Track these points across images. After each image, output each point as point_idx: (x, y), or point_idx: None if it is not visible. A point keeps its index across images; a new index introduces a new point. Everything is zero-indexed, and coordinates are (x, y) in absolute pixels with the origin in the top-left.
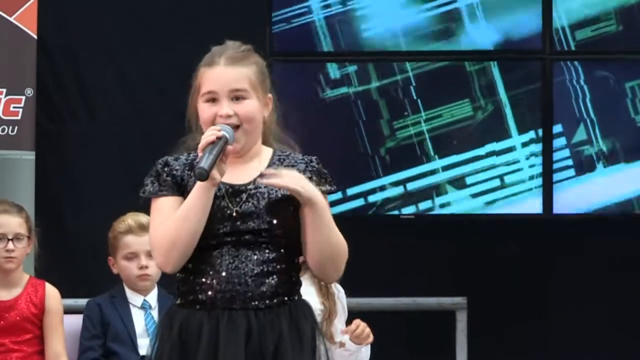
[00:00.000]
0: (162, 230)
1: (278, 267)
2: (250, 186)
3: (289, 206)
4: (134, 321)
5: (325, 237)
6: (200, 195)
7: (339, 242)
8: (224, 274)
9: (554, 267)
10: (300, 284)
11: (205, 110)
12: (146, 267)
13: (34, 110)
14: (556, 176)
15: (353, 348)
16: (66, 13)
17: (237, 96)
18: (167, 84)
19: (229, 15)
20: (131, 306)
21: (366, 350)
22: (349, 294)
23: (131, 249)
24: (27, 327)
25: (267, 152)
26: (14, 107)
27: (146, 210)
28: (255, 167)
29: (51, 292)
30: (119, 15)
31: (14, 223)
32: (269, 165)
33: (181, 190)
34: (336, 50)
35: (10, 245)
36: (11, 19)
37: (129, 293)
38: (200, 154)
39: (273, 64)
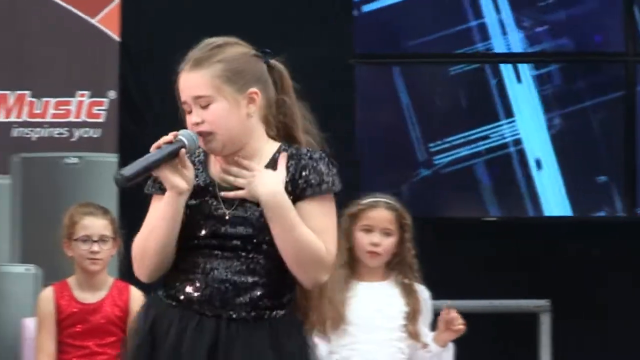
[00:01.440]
0: (136, 239)
1: (265, 278)
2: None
3: None
4: None
5: (285, 241)
6: (168, 203)
7: (303, 247)
8: (204, 276)
9: (637, 268)
10: (293, 299)
11: (187, 120)
12: None
13: (117, 113)
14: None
15: (435, 350)
16: (149, 15)
17: (200, 103)
18: None
19: (313, 16)
20: None
21: (447, 354)
22: (432, 296)
23: None
24: (111, 330)
25: (270, 148)
26: (97, 110)
27: None
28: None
29: (136, 295)
30: (203, 17)
31: (99, 225)
32: (270, 162)
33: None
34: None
35: (95, 247)
36: (93, 21)
37: None
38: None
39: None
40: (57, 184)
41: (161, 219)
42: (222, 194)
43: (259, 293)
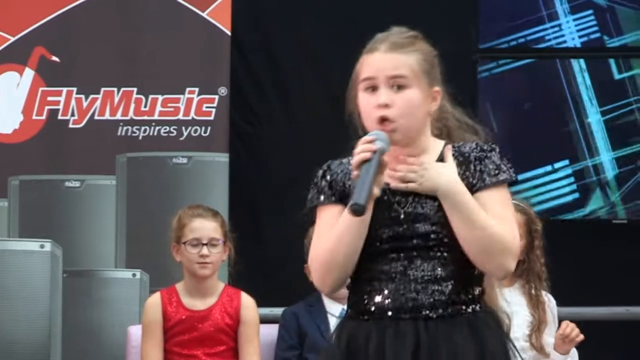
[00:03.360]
0: (317, 249)
1: (451, 272)
2: None
3: None
4: (332, 331)
5: (468, 230)
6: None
7: (488, 234)
8: (391, 282)
9: None
10: (483, 292)
11: (363, 99)
12: None
13: (228, 111)
14: None
15: (558, 358)
16: (262, 7)
17: (397, 84)
18: None
19: (435, 12)
20: (329, 315)
21: None
22: (559, 303)
23: None
24: (221, 339)
25: (437, 145)
26: (206, 107)
27: None
28: None
29: (247, 302)
30: (320, 10)
31: (209, 227)
32: (438, 158)
33: (343, 197)
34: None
35: (205, 250)
36: (204, 14)
37: (326, 301)
38: (354, 173)
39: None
40: (165, 184)
41: (346, 231)
42: (393, 185)
43: (450, 288)
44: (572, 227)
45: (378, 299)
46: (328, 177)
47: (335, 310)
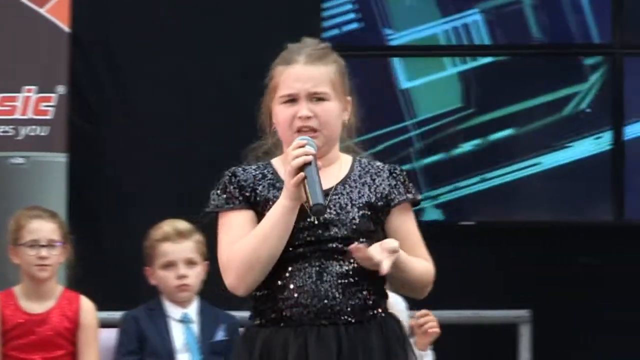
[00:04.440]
0: (237, 250)
1: (366, 277)
2: (331, 192)
3: (372, 211)
4: (173, 336)
5: (408, 281)
6: (284, 214)
7: (424, 276)
8: (308, 287)
9: (625, 277)
10: (387, 296)
11: (282, 111)
12: (185, 276)
13: (67, 110)
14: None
15: (416, 354)
16: (101, 4)
17: (317, 97)
18: (209, 82)
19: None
20: (170, 319)
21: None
22: (410, 306)
23: (169, 257)
24: (59, 343)
25: (346, 158)
26: (44, 106)
27: (211, 227)
28: (334, 173)
29: (86, 306)
30: (158, 7)
31: (47, 229)
32: (350, 172)
33: (251, 203)
34: None
35: (44, 252)
36: (42, 11)
37: (167, 305)
38: (297, 176)
39: None
40: (1, 185)
41: (275, 229)
42: (357, 254)
43: (365, 293)
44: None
45: (294, 306)
46: (237, 183)
47: (176, 314)
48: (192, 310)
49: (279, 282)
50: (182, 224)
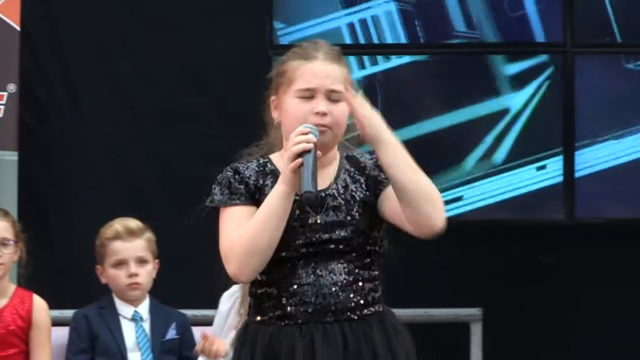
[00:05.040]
0: (236, 237)
1: (366, 275)
2: (330, 192)
3: (370, 209)
4: (124, 334)
5: (403, 175)
6: (281, 199)
7: (422, 179)
8: (311, 286)
9: (577, 275)
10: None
11: (296, 105)
12: (136, 274)
13: (17, 108)
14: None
15: None
16: (52, 2)
17: (333, 97)
18: (160, 80)
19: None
20: (121, 318)
21: None
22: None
23: (119, 255)
24: (12, 341)
25: (341, 157)
26: None
27: (211, 220)
28: (331, 174)
29: (39, 305)
30: (110, 6)
31: (0, 227)
32: (340, 169)
33: (254, 198)
34: None
35: None
36: None
37: (118, 304)
38: (295, 161)
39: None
40: None
41: (273, 215)
42: (348, 99)
43: (366, 290)
44: None
45: (298, 304)
46: (238, 178)
47: (127, 312)
48: (143, 308)
49: (283, 281)
50: (133, 223)
